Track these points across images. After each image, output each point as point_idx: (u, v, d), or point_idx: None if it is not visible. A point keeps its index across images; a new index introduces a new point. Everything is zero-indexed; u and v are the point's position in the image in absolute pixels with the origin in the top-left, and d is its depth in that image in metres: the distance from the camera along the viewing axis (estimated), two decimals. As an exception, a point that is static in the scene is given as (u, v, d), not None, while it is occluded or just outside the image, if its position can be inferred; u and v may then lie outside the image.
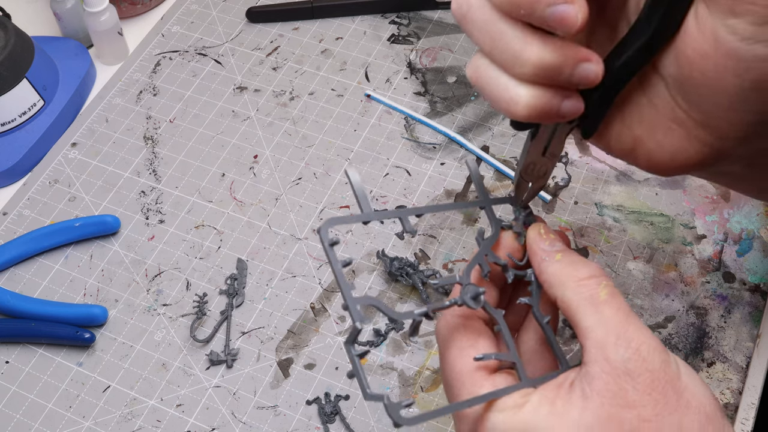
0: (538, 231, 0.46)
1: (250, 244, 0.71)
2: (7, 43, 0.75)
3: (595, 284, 0.42)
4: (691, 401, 0.40)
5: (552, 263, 0.44)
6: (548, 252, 0.45)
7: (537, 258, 0.45)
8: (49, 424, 0.63)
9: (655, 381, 0.40)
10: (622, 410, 0.39)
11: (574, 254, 0.45)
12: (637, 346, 0.40)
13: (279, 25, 0.86)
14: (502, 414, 0.41)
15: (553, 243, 0.45)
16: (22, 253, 0.70)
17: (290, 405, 0.63)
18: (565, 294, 0.43)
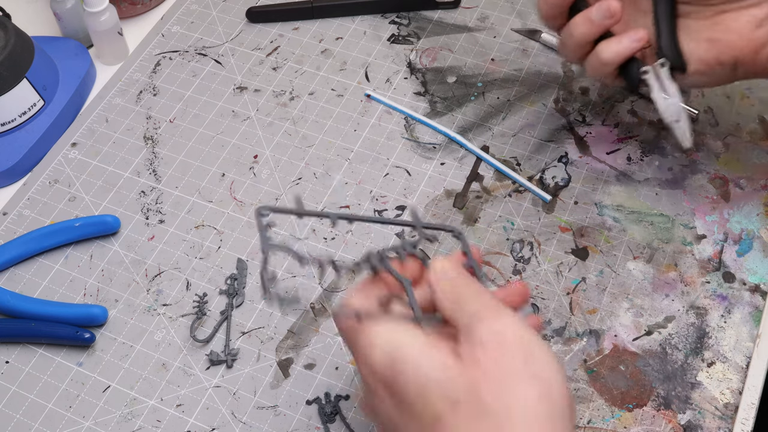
0: (437, 266, 0.50)
1: (250, 244, 0.71)
2: (7, 43, 0.75)
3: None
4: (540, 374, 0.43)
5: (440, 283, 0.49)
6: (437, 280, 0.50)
7: (432, 288, 0.49)
8: (49, 424, 0.63)
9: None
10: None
11: (464, 278, 0.49)
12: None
13: (279, 25, 0.86)
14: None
15: (445, 272, 0.49)
16: (22, 253, 0.70)
17: (290, 405, 0.63)
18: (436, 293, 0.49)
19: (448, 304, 0.47)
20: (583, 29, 0.63)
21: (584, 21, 0.62)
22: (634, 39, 0.62)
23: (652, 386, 0.62)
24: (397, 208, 0.72)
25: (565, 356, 0.64)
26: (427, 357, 0.44)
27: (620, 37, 0.62)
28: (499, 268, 0.68)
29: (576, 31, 0.63)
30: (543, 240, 0.70)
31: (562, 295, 0.67)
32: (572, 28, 0.63)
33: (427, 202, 0.73)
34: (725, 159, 0.74)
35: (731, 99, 0.77)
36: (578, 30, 0.63)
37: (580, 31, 0.63)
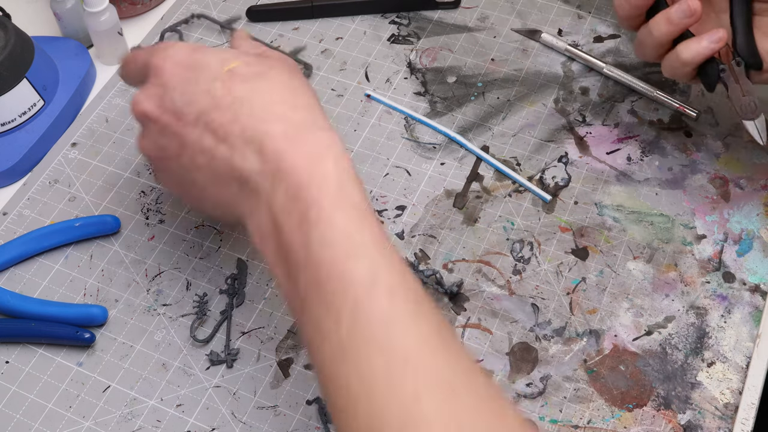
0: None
1: (250, 244, 0.71)
2: (7, 43, 0.75)
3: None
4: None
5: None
6: None
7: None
8: (49, 424, 0.63)
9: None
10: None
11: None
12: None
13: (279, 24, 0.86)
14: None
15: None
16: (22, 253, 0.70)
17: (290, 405, 0.63)
18: None
19: None
20: (663, 29, 0.64)
21: (664, 21, 0.63)
22: (713, 39, 0.63)
23: (652, 386, 0.62)
24: (397, 208, 0.72)
25: (565, 356, 0.64)
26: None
27: (700, 38, 0.63)
28: (499, 268, 0.68)
29: (656, 31, 0.64)
30: (543, 240, 0.70)
31: (562, 295, 0.67)
32: (652, 27, 0.64)
33: (427, 202, 0.73)
34: (725, 159, 0.74)
35: (731, 99, 0.77)
36: (658, 29, 0.64)
37: (661, 31, 0.64)
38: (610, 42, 0.83)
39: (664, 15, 0.63)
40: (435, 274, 0.67)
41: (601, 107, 0.78)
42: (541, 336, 0.65)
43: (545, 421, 0.61)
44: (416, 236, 0.71)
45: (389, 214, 0.72)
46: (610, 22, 0.84)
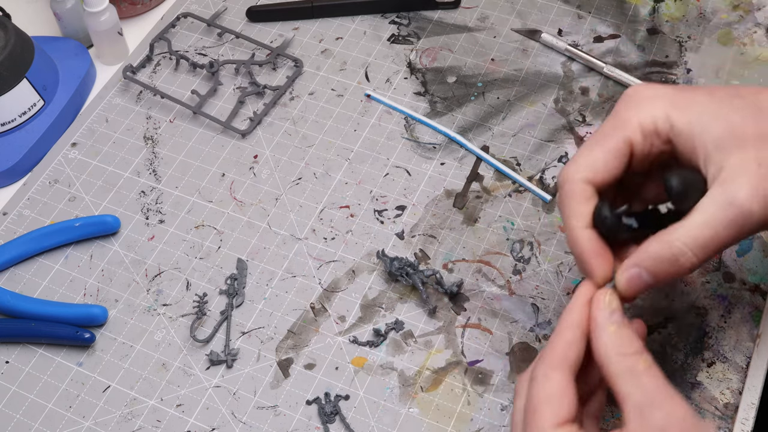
0: (604, 299, 0.51)
1: (250, 244, 0.71)
2: (7, 43, 0.75)
3: (636, 359, 0.48)
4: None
5: (604, 334, 0.49)
6: (604, 322, 0.50)
7: (593, 324, 0.50)
8: (49, 424, 0.63)
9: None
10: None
11: (626, 330, 0.49)
12: (671, 410, 0.46)
13: (279, 24, 0.86)
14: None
15: (612, 314, 0.50)
16: (22, 253, 0.70)
17: (290, 405, 0.63)
18: (609, 365, 0.48)
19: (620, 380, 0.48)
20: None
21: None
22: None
23: (652, 386, 0.62)
24: (397, 208, 0.72)
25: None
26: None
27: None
28: (499, 268, 0.68)
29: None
30: (543, 240, 0.70)
31: (562, 295, 0.67)
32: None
33: (427, 202, 0.73)
34: (725, 159, 0.74)
35: (731, 99, 0.77)
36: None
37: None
38: (610, 42, 0.83)
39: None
40: (435, 274, 0.67)
41: (601, 107, 0.78)
42: (541, 336, 0.65)
43: (545, 421, 0.61)
44: (416, 236, 0.71)
45: (389, 214, 0.72)
46: (610, 22, 0.84)
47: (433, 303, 0.66)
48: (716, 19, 0.83)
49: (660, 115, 0.52)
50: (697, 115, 0.51)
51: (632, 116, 0.53)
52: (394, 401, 0.62)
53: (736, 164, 0.49)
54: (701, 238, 0.49)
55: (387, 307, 0.67)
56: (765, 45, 0.81)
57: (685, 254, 0.49)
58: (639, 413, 0.46)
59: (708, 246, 0.49)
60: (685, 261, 0.49)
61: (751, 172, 0.48)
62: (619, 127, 0.53)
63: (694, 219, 0.49)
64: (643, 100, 0.53)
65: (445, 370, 0.63)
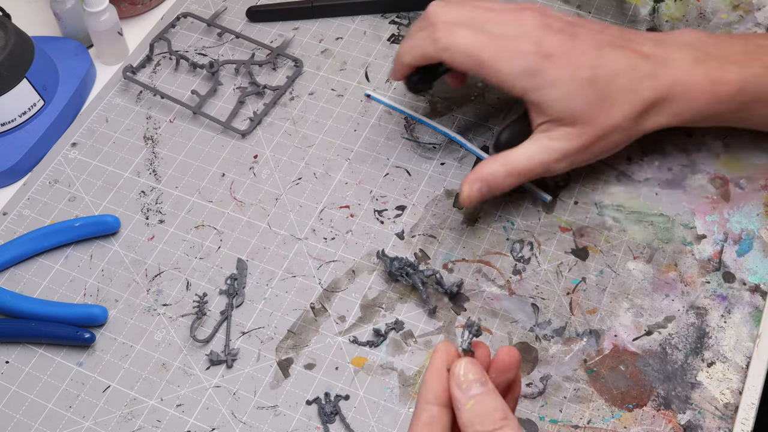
0: (459, 372, 0.48)
1: (250, 244, 0.71)
2: (7, 43, 0.75)
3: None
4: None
5: (462, 411, 0.47)
6: (462, 399, 0.47)
7: (452, 401, 0.48)
8: (49, 424, 0.63)
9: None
10: None
11: (485, 400, 0.47)
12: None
13: (279, 24, 0.86)
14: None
15: (469, 387, 0.48)
16: (22, 253, 0.70)
17: (290, 405, 0.63)
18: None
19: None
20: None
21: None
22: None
23: (652, 386, 0.62)
24: (397, 208, 0.72)
25: (565, 356, 0.64)
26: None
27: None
28: (499, 268, 0.68)
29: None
30: (543, 240, 0.70)
31: (562, 295, 0.67)
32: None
33: (427, 202, 0.73)
34: (725, 159, 0.74)
35: (731, 99, 0.77)
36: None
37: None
38: (610, 42, 0.83)
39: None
40: (435, 274, 0.67)
41: (601, 107, 0.78)
42: (541, 336, 0.65)
43: (545, 421, 0.61)
44: (416, 236, 0.71)
45: (389, 214, 0.72)
46: (610, 21, 0.84)
47: (433, 303, 0.66)
48: (716, 19, 0.83)
49: (516, 81, 0.66)
50: (548, 95, 0.66)
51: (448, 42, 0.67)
52: (394, 401, 0.62)
53: (557, 133, 0.66)
54: (524, 166, 0.67)
55: (387, 307, 0.67)
56: (765, 45, 0.81)
57: (512, 173, 0.67)
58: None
59: (525, 174, 0.67)
60: (512, 180, 0.67)
61: (565, 140, 0.66)
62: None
63: (521, 152, 0.67)
64: (517, 51, 0.66)
65: (445, 370, 0.63)
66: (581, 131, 0.66)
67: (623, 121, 0.66)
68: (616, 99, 0.65)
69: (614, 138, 0.67)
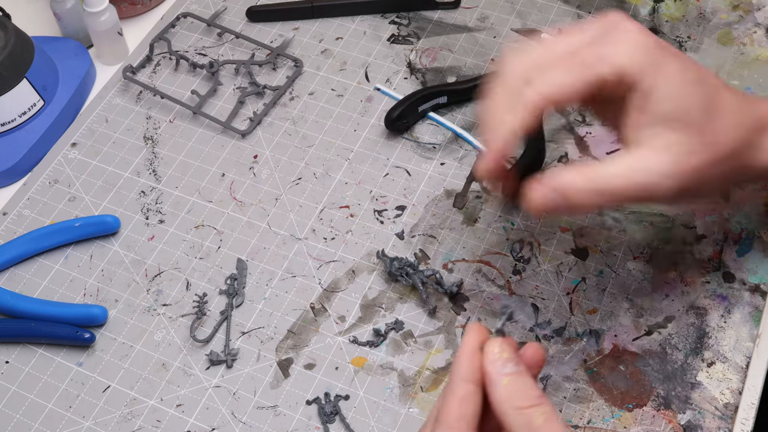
0: (494, 350, 0.48)
1: (250, 244, 0.71)
2: (7, 43, 0.75)
3: (533, 412, 0.45)
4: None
5: (498, 387, 0.47)
6: (497, 375, 0.47)
7: (487, 377, 0.47)
8: (49, 424, 0.63)
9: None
10: None
11: (521, 379, 0.47)
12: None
13: (279, 24, 0.86)
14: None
15: (504, 365, 0.47)
16: (22, 253, 0.70)
17: (290, 405, 0.63)
18: (506, 419, 0.46)
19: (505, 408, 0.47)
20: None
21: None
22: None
23: (652, 386, 0.62)
24: (397, 208, 0.72)
25: (565, 356, 0.64)
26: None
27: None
28: (499, 268, 0.68)
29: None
30: (543, 240, 0.70)
31: (562, 295, 0.67)
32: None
33: (427, 202, 0.73)
34: (725, 159, 0.74)
35: (731, 99, 0.77)
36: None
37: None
38: (610, 42, 0.83)
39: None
40: (435, 274, 0.67)
41: (601, 107, 0.78)
42: (541, 336, 0.65)
43: (545, 421, 0.61)
44: (416, 236, 0.71)
45: (389, 214, 0.72)
46: (610, 22, 0.84)
47: (433, 303, 0.66)
48: (716, 19, 0.83)
49: (633, 63, 0.52)
50: (665, 83, 0.52)
51: (612, 53, 0.52)
52: (394, 401, 0.62)
53: (669, 142, 0.52)
54: (614, 185, 0.52)
55: (387, 307, 0.67)
56: (765, 45, 0.81)
57: (600, 193, 0.52)
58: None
59: (615, 195, 0.53)
60: (597, 199, 0.52)
61: (678, 155, 0.52)
62: (597, 63, 0.52)
63: (613, 167, 0.52)
64: (627, 36, 0.53)
65: (445, 370, 0.63)
66: (693, 142, 0.52)
67: (736, 134, 0.54)
68: (726, 108, 0.55)
69: (728, 163, 0.54)
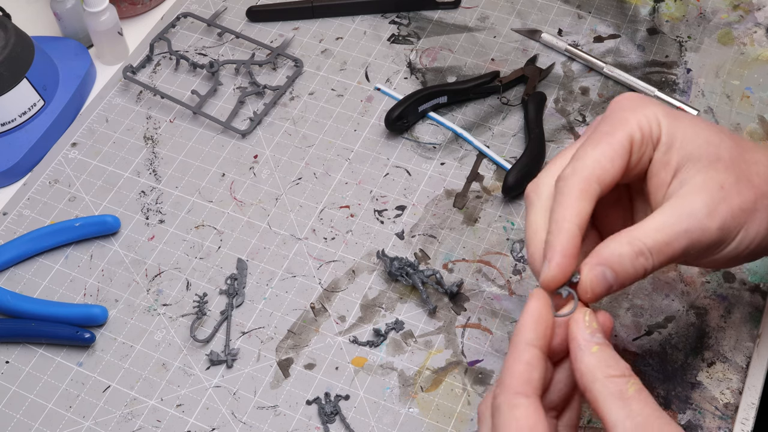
0: (584, 317, 0.47)
1: (250, 244, 0.71)
2: (7, 43, 0.75)
3: (624, 381, 0.45)
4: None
5: (587, 354, 0.46)
6: (587, 342, 0.46)
7: (574, 344, 0.46)
8: (49, 424, 0.63)
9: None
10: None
11: (609, 350, 0.46)
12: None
13: (279, 24, 0.86)
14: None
15: (593, 334, 0.46)
16: (22, 253, 0.70)
17: (290, 405, 0.63)
18: (594, 387, 0.45)
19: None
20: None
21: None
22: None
23: (652, 386, 0.62)
24: (397, 208, 0.72)
25: (565, 356, 0.64)
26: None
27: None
28: (499, 268, 0.68)
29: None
30: (543, 240, 0.70)
31: (562, 295, 0.67)
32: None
33: (427, 202, 0.73)
34: (725, 159, 0.74)
35: (731, 99, 0.77)
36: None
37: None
38: (610, 42, 0.83)
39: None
40: (435, 274, 0.67)
41: (601, 107, 0.78)
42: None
43: (545, 421, 0.61)
44: (416, 236, 0.71)
45: (389, 214, 0.72)
46: (610, 22, 0.84)
47: (433, 303, 0.66)
48: (716, 19, 0.83)
49: (654, 117, 0.51)
50: (683, 129, 0.51)
51: (630, 117, 0.51)
52: (394, 401, 0.62)
53: (701, 181, 0.50)
54: (657, 240, 0.48)
55: (387, 307, 0.67)
56: (765, 45, 0.81)
57: (643, 252, 0.48)
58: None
59: (662, 251, 0.48)
60: (644, 261, 0.48)
61: (713, 191, 0.49)
62: (620, 124, 0.51)
63: (651, 222, 0.49)
64: (638, 103, 0.52)
65: (445, 370, 0.63)
66: (726, 177, 0.50)
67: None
68: (752, 147, 0.53)
69: (765, 201, 0.51)
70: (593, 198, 0.50)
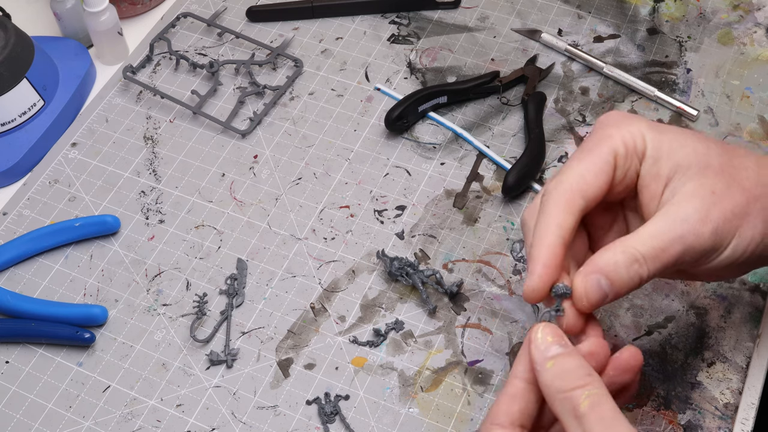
0: (537, 335, 0.48)
1: (250, 244, 0.71)
2: (7, 43, 0.75)
3: (578, 395, 0.45)
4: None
5: (542, 373, 0.46)
6: (542, 359, 0.47)
7: (533, 365, 0.47)
8: (49, 424, 0.63)
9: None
10: None
11: (567, 358, 0.46)
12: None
13: (279, 24, 0.86)
14: None
15: (548, 348, 0.47)
16: (22, 253, 0.70)
17: (290, 405, 0.63)
18: (554, 406, 0.46)
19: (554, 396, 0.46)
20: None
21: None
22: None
23: (652, 386, 0.62)
24: (397, 208, 0.72)
25: None
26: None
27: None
28: (499, 268, 0.68)
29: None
30: (543, 240, 0.70)
31: (562, 295, 0.67)
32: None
33: (427, 202, 0.73)
34: (725, 159, 0.74)
35: (731, 99, 0.77)
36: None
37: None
38: (610, 42, 0.83)
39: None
40: (435, 274, 0.67)
41: (601, 107, 0.78)
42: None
43: (545, 421, 0.61)
44: (416, 236, 0.71)
45: (389, 214, 0.72)
46: (610, 22, 0.84)
47: (433, 303, 0.66)
48: (716, 19, 0.83)
49: (638, 132, 0.52)
50: (668, 141, 0.52)
51: (614, 132, 0.52)
52: (394, 401, 0.62)
53: (693, 188, 0.50)
54: (652, 247, 0.49)
55: (387, 307, 0.67)
56: (765, 45, 0.81)
57: (638, 259, 0.49)
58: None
59: (656, 257, 0.49)
60: (638, 268, 0.49)
61: (705, 197, 0.50)
62: (603, 140, 0.52)
63: (645, 230, 0.50)
64: (622, 120, 0.53)
65: (445, 370, 0.63)
66: (716, 182, 0.51)
67: (760, 179, 0.52)
68: (742, 153, 0.54)
69: (757, 205, 0.51)
70: (577, 211, 0.51)
